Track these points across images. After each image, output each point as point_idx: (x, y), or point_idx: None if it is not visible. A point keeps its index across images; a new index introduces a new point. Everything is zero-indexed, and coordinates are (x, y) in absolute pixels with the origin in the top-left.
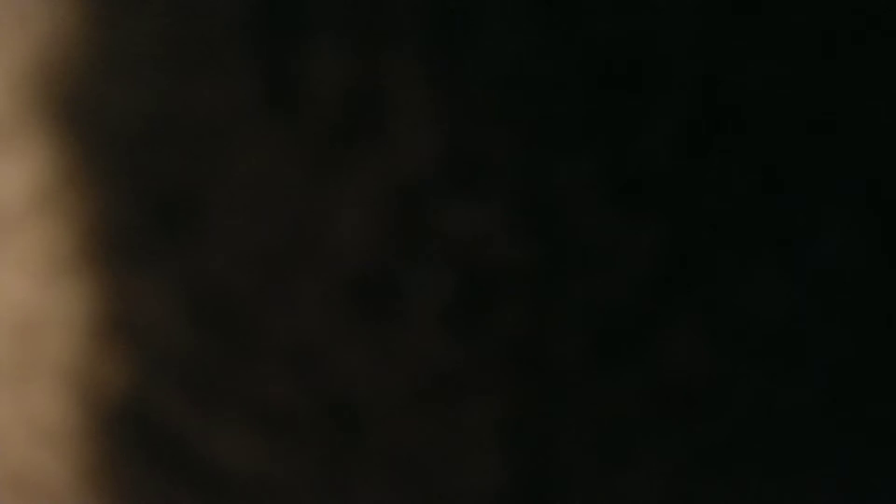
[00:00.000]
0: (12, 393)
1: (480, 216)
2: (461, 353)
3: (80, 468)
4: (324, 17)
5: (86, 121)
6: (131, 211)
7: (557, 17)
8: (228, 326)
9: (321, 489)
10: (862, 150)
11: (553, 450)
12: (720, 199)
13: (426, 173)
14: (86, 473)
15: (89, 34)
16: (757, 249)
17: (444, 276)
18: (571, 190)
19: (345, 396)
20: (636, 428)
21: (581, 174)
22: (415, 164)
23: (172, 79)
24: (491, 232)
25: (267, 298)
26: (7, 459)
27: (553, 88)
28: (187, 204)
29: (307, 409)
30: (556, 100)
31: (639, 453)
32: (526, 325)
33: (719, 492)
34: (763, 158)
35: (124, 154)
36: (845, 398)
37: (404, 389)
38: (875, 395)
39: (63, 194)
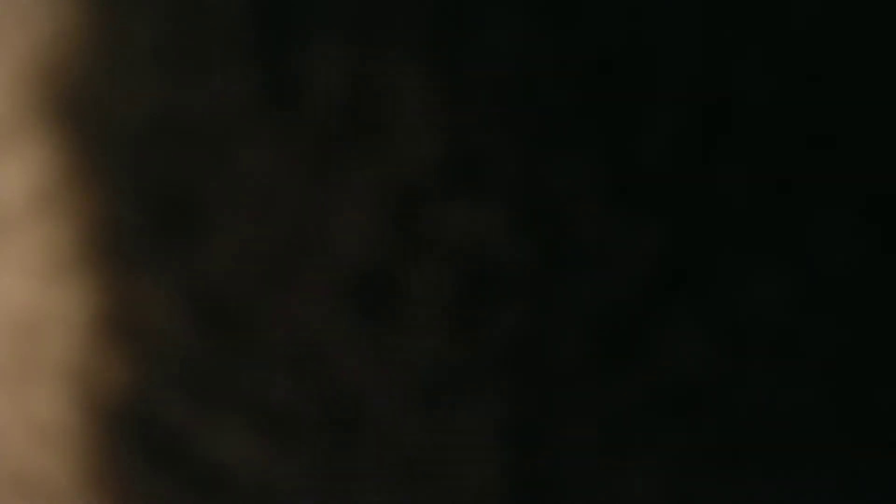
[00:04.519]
0: (12, 393)
1: (480, 216)
2: (461, 353)
3: (80, 468)
4: (324, 17)
5: (86, 121)
6: (132, 211)
7: (557, 19)
8: (229, 326)
9: (321, 489)
10: (861, 151)
11: (553, 449)
12: (720, 200)
13: (426, 173)
14: (86, 473)
15: (90, 35)
16: (756, 249)
17: (445, 276)
18: (571, 190)
19: (345, 397)
20: (636, 428)
21: (581, 174)
22: (415, 164)
23: (173, 79)
24: (491, 232)
25: (267, 298)
26: (7, 459)
27: (553, 89)
28: (188, 204)
29: (307, 410)
30: (555, 100)
31: (639, 453)
32: (526, 324)
33: (719, 492)
34: (763, 159)
35: (125, 154)
36: (845, 397)
37: (404, 389)
38: (874, 394)
39: (63, 194)
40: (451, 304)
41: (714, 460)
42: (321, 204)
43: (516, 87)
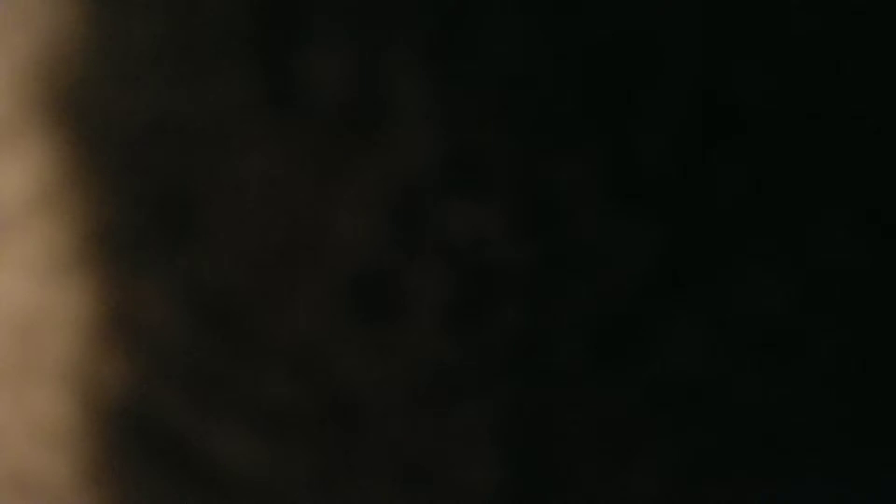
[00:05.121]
0: (12, 393)
1: (480, 216)
2: (460, 353)
3: (80, 468)
4: (325, 18)
5: (87, 121)
6: (132, 211)
7: (557, 19)
8: (229, 326)
9: (320, 488)
10: (861, 151)
11: (552, 449)
12: (720, 200)
13: (426, 173)
14: (86, 473)
15: (91, 35)
16: (756, 249)
17: (444, 275)
18: (571, 190)
19: (344, 396)
20: (635, 427)
21: (581, 174)
22: (415, 164)
23: (173, 80)
24: (491, 231)
25: (267, 298)
26: (7, 459)
27: (553, 89)
28: (188, 204)
29: (307, 409)
30: (556, 100)
31: (638, 453)
32: (525, 324)
33: (719, 491)
34: (762, 159)
35: (125, 154)
36: (845, 397)
37: (404, 389)
38: (874, 394)
39: (64, 194)
40: (451, 303)
41: (714, 460)
42: (321, 203)
43: (516, 86)
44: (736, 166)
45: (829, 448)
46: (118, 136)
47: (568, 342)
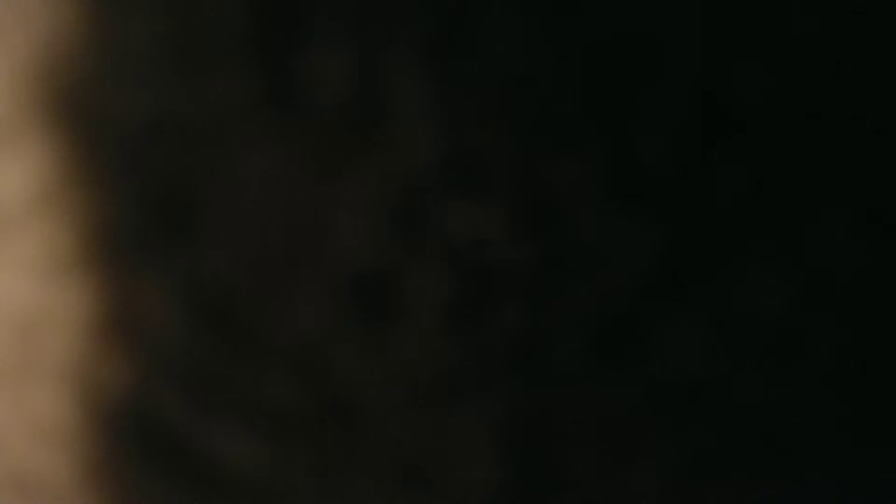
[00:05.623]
0: (12, 393)
1: (480, 216)
2: (460, 353)
3: (80, 468)
4: (325, 18)
5: (87, 121)
6: (132, 211)
7: (557, 18)
8: (228, 326)
9: (320, 488)
10: (861, 151)
11: (552, 449)
12: (719, 200)
13: (427, 173)
14: (86, 473)
15: (91, 35)
16: (756, 249)
17: (444, 275)
18: (571, 190)
19: (344, 396)
20: (635, 427)
21: (581, 174)
22: (415, 164)
23: (173, 79)
24: (491, 232)
25: (267, 298)
26: (7, 459)
27: (553, 89)
28: (188, 204)
29: (307, 409)
30: (556, 100)
31: (638, 453)
32: (525, 324)
33: (719, 493)
34: (762, 159)
35: (125, 154)
36: (845, 397)
37: (404, 389)
38: (874, 394)
39: (64, 194)
40: (451, 303)
41: (714, 460)
42: (321, 203)
43: (516, 86)
44: (736, 166)
45: (829, 448)
46: (118, 136)
47: (568, 342)
